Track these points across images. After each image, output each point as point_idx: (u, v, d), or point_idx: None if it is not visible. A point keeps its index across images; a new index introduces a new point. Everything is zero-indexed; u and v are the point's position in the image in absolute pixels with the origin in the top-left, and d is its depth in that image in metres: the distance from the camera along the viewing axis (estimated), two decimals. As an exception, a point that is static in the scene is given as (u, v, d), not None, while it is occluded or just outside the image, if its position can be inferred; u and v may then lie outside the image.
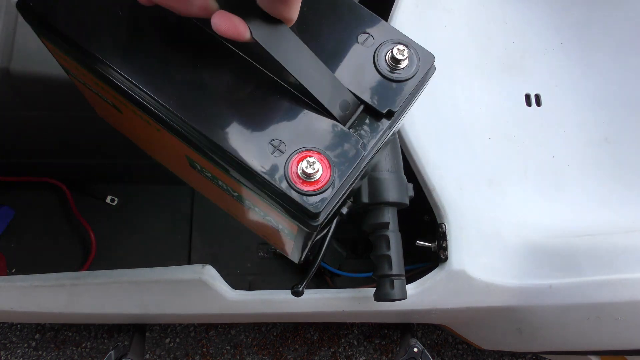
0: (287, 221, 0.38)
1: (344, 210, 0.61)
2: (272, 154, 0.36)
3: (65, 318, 0.76)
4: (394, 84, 0.38)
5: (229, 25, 0.32)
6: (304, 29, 0.38)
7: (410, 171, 0.70)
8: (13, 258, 0.94)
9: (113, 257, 0.97)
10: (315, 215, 0.35)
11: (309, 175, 0.35)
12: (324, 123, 0.37)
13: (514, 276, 0.68)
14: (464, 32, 0.82)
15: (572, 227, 0.73)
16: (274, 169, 0.35)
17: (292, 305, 0.69)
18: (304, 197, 0.35)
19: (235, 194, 0.43)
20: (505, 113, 0.80)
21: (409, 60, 0.39)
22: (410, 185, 0.63)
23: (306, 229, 0.38)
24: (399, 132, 0.70)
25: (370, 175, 0.60)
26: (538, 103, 0.82)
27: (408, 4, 0.78)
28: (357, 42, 0.39)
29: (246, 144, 0.35)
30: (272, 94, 0.37)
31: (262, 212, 0.42)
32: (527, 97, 0.82)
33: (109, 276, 0.69)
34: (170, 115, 0.37)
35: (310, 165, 0.35)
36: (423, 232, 0.75)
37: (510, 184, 0.75)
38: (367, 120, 0.38)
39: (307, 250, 0.47)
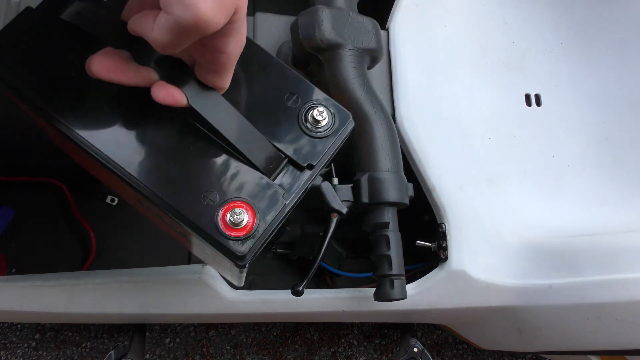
0: (222, 256, 0.43)
1: (344, 210, 0.61)
2: (205, 202, 0.41)
3: (66, 318, 0.76)
4: (314, 140, 0.43)
5: (166, 94, 0.37)
6: (238, 89, 0.43)
7: (410, 171, 0.70)
8: (13, 258, 0.94)
9: (113, 257, 0.97)
10: (241, 258, 0.40)
11: (235, 224, 0.40)
12: (252, 175, 0.42)
13: (514, 276, 0.68)
14: (464, 32, 0.82)
15: (572, 227, 0.73)
16: (205, 217, 0.40)
17: (292, 305, 0.69)
18: (231, 242, 0.40)
19: (179, 230, 0.47)
20: (506, 113, 0.80)
21: (327, 120, 0.44)
22: (410, 185, 0.63)
23: (235, 267, 0.42)
24: (398, 132, 0.70)
25: (371, 175, 0.61)
26: (538, 103, 0.82)
27: (408, 3, 0.78)
28: (284, 102, 0.44)
29: (183, 194, 0.41)
30: (207, 149, 0.42)
31: (203, 246, 0.46)
32: (527, 97, 0.82)
33: (109, 276, 0.69)
34: (117, 167, 0.41)
35: (237, 215, 0.40)
36: (423, 232, 0.75)
37: (510, 183, 0.75)
38: (290, 172, 0.43)
39: (244, 277, 0.51)
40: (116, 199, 1.01)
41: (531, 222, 0.73)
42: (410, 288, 0.68)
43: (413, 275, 0.83)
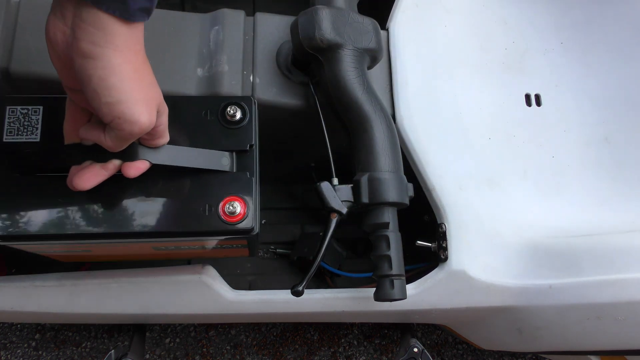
0: (239, 241, 0.59)
1: (344, 210, 0.61)
2: (206, 214, 0.53)
3: (66, 318, 0.76)
4: (241, 129, 0.57)
5: (135, 170, 0.49)
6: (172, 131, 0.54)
7: (410, 171, 0.70)
8: (13, 258, 0.94)
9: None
10: (252, 230, 0.54)
11: (233, 213, 0.53)
12: (221, 177, 0.55)
13: (514, 276, 0.68)
14: (464, 32, 0.82)
15: (572, 227, 0.73)
16: (213, 222, 0.53)
17: (292, 305, 0.69)
18: (239, 225, 0.53)
19: (196, 247, 0.62)
20: (505, 113, 0.80)
21: (238, 112, 0.57)
22: (410, 185, 0.63)
23: (252, 238, 0.57)
24: (398, 132, 0.70)
25: (371, 176, 0.61)
26: (538, 103, 0.82)
27: (408, 3, 0.78)
28: (205, 119, 0.57)
29: (190, 219, 0.53)
30: (183, 179, 0.54)
31: (218, 246, 0.62)
32: (527, 97, 0.82)
33: (109, 276, 0.69)
34: (132, 234, 0.53)
35: (231, 207, 0.53)
36: (423, 232, 0.75)
37: (510, 184, 0.75)
38: (243, 158, 0.56)
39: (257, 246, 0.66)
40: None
41: (531, 222, 0.73)
42: (410, 288, 0.68)
43: (413, 275, 0.83)
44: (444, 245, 0.68)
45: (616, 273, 0.65)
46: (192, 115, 0.56)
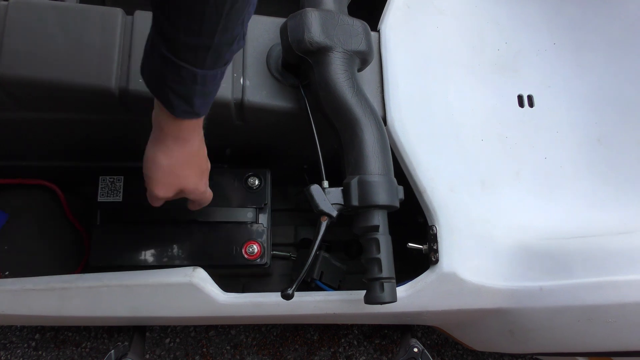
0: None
1: (335, 213, 0.61)
2: (234, 253, 0.78)
3: (58, 321, 0.76)
4: (258, 192, 0.81)
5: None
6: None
7: (401, 173, 0.70)
8: (6, 261, 0.94)
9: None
10: (265, 264, 0.78)
11: (252, 253, 0.78)
12: (245, 227, 0.80)
13: (504, 278, 0.68)
14: (457, 33, 0.82)
15: (563, 229, 0.73)
16: (239, 259, 0.78)
17: (283, 308, 0.69)
18: (256, 261, 0.78)
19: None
20: (498, 114, 0.80)
21: (257, 180, 0.81)
22: (401, 188, 0.63)
23: (265, 271, 0.86)
24: (389, 134, 0.70)
25: (361, 179, 0.60)
26: (531, 104, 0.82)
27: (400, 4, 0.78)
28: (241, 184, 0.81)
29: (224, 255, 0.78)
30: (222, 226, 0.79)
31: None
32: (520, 98, 0.82)
33: (99, 279, 0.69)
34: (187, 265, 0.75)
35: (250, 249, 0.78)
36: (416, 234, 0.75)
37: (502, 185, 0.75)
38: (261, 213, 0.81)
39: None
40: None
41: (523, 224, 0.73)
42: (401, 290, 0.68)
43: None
44: (435, 247, 0.68)
45: (607, 275, 0.65)
46: (227, 183, 0.80)
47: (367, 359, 1.23)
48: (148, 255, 0.77)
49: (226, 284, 0.72)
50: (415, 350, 0.72)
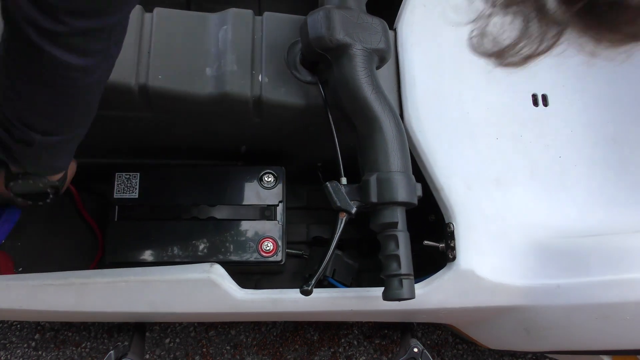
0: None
1: (353, 210, 0.61)
2: (250, 250, 0.80)
3: (74, 316, 0.76)
4: (273, 190, 0.83)
5: None
6: (228, 195, 0.83)
7: (418, 171, 0.70)
8: (19, 257, 0.94)
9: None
10: (280, 261, 0.80)
11: (268, 250, 0.80)
12: (262, 223, 0.81)
13: (521, 276, 0.68)
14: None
15: (579, 227, 0.73)
16: (256, 256, 0.80)
17: (301, 305, 0.70)
18: (271, 258, 0.80)
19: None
20: (512, 113, 0.80)
21: (272, 179, 0.83)
22: (419, 185, 0.63)
23: (280, 267, 0.85)
24: (406, 132, 0.70)
25: (379, 175, 0.61)
26: (545, 103, 0.82)
27: (416, 3, 0.78)
28: (257, 181, 0.83)
29: (241, 251, 0.80)
30: (240, 223, 0.82)
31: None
32: (534, 97, 0.82)
33: (118, 275, 0.69)
34: (205, 261, 0.76)
35: (265, 246, 0.80)
36: (428, 232, 0.75)
37: (517, 183, 0.75)
38: (278, 211, 0.82)
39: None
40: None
41: (538, 222, 0.73)
42: (418, 287, 0.68)
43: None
44: (452, 244, 0.68)
45: (624, 273, 0.65)
46: (242, 181, 0.82)
47: (367, 359, 1.23)
48: (163, 252, 0.78)
49: (238, 281, 0.73)
50: (416, 350, 0.72)
